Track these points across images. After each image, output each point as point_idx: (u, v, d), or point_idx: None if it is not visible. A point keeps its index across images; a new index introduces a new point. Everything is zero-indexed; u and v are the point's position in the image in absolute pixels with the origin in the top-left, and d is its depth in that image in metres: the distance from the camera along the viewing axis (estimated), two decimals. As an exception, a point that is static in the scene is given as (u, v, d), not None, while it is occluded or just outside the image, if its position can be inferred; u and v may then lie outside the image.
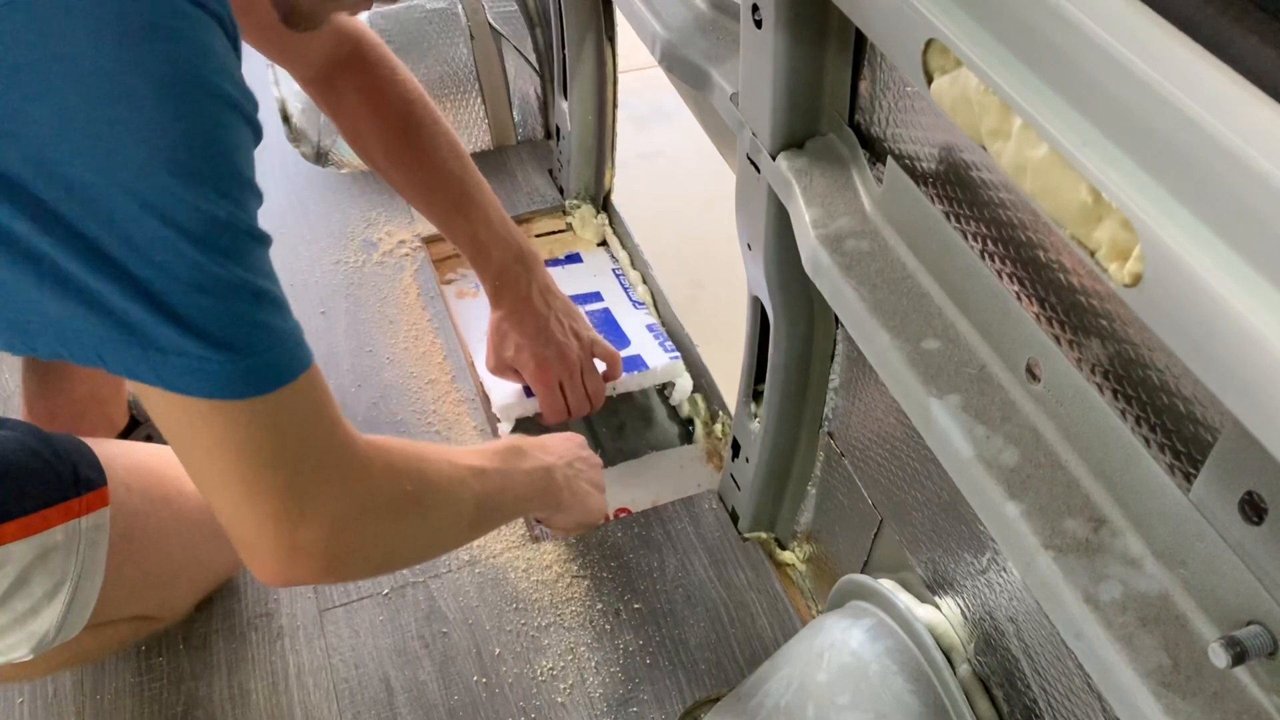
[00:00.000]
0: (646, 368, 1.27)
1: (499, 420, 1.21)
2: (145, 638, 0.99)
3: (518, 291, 1.04)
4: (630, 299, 1.39)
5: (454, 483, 0.74)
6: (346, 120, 0.98)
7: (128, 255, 0.49)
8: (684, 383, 1.30)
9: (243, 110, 0.52)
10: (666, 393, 1.31)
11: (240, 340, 0.53)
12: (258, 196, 0.54)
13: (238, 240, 0.52)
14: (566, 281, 1.40)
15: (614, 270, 1.44)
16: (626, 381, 1.25)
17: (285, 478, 0.58)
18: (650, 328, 1.33)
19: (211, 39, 0.50)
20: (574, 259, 1.47)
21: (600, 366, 1.16)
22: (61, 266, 0.49)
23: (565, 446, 0.96)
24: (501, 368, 1.11)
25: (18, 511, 0.74)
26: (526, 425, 1.21)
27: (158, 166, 0.48)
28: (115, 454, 0.83)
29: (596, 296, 1.39)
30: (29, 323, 0.51)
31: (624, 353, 1.25)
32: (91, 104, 0.46)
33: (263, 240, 0.55)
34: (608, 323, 1.34)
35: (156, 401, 0.55)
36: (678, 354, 1.29)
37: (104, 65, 0.45)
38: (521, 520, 1.11)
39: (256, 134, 0.54)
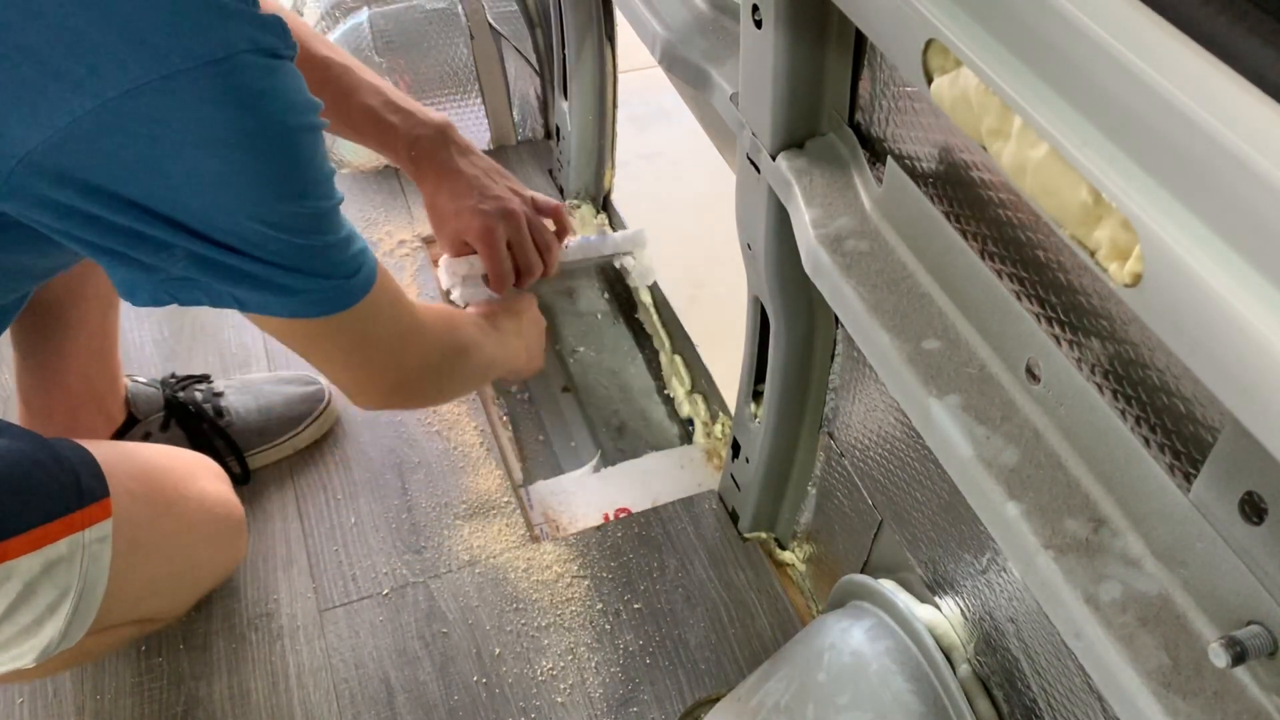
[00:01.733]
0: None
1: (449, 290, 1.05)
2: (144, 636, 0.99)
3: (437, 158, 0.96)
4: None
5: (480, 338, 0.93)
6: None
7: (252, 249, 0.63)
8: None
9: (319, 125, 0.64)
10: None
11: (343, 271, 0.68)
12: (334, 172, 0.67)
13: (332, 217, 0.67)
14: None
15: None
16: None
17: (389, 349, 0.78)
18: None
19: (295, 81, 0.61)
20: None
21: (549, 227, 1.04)
22: (197, 252, 0.62)
23: (533, 339, 1.05)
24: (455, 245, 1.00)
25: (23, 526, 0.74)
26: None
27: (272, 196, 0.62)
28: (116, 459, 0.83)
29: None
30: (172, 282, 0.63)
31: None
32: (218, 158, 0.59)
33: (341, 201, 0.68)
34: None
35: (280, 326, 0.70)
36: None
37: (228, 135, 0.58)
38: (522, 520, 1.11)
39: (324, 127, 0.66)
